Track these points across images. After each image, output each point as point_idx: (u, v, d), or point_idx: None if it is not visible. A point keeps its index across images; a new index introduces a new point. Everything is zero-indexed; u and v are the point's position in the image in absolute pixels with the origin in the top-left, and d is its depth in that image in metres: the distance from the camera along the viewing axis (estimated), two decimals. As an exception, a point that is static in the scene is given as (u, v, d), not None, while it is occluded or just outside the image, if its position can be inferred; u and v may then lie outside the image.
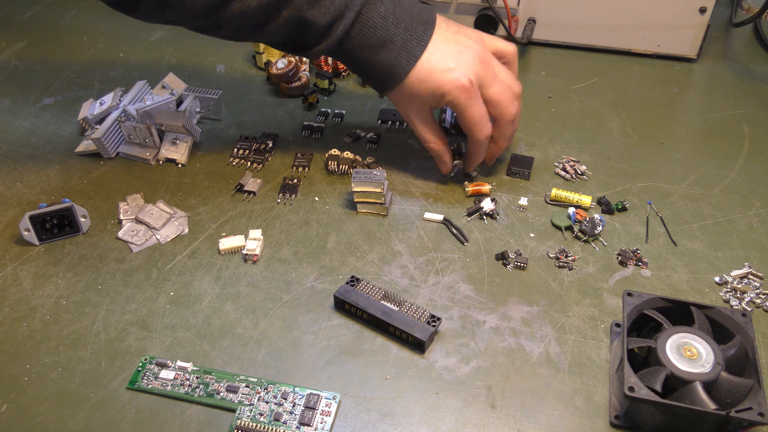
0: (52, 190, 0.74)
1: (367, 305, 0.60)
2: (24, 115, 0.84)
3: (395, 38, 0.65)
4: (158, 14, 0.65)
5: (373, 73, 0.67)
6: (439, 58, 0.65)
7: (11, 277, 0.65)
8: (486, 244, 0.68)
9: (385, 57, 0.65)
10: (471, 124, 0.68)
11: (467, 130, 0.69)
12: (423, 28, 0.66)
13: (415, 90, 0.67)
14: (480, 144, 0.70)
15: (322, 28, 0.64)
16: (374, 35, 0.65)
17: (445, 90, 0.66)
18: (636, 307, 0.55)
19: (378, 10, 0.64)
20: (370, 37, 0.65)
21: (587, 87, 0.88)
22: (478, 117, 0.67)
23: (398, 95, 0.69)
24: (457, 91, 0.66)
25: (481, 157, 0.72)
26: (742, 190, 0.74)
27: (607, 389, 0.56)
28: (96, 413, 0.55)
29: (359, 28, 0.65)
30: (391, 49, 0.65)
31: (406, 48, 0.65)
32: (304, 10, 0.63)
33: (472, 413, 0.55)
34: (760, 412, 0.48)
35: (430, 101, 0.68)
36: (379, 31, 0.65)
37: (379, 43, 0.65)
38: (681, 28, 0.89)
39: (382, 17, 0.64)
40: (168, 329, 0.61)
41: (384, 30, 0.65)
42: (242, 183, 0.74)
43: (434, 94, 0.66)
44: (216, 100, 0.82)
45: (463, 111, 0.67)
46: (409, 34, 0.65)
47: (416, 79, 0.66)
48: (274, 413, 0.54)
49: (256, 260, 0.66)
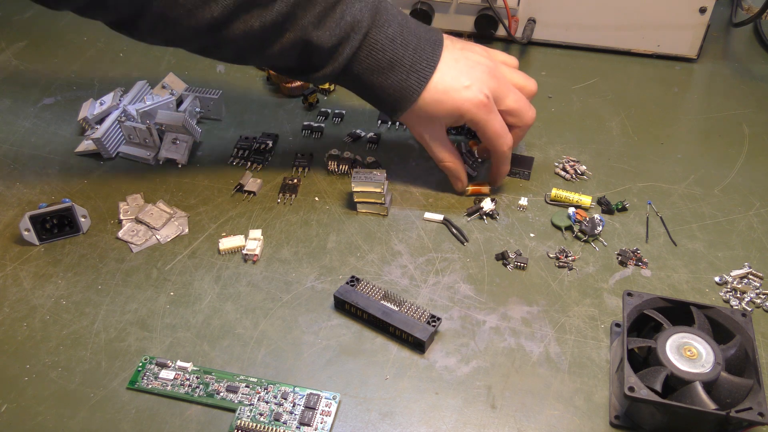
0: (52, 190, 0.74)
1: (367, 305, 0.60)
2: (24, 115, 0.84)
3: (404, 60, 0.64)
4: (158, 34, 0.63)
5: (383, 97, 0.66)
6: (453, 77, 0.65)
7: (11, 277, 0.65)
8: (486, 244, 0.68)
9: (395, 79, 0.64)
10: (494, 139, 0.67)
11: (490, 145, 0.68)
12: (431, 48, 0.65)
13: (431, 111, 0.66)
14: (505, 156, 0.69)
15: (328, 51, 0.63)
16: (383, 57, 0.64)
17: (464, 109, 0.65)
18: (636, 307, 0.55)
19: (386, 32, 0.63)
20: (379, 59, 0.64)
21: (587, 87, 0.88)
22: (500, 130, 0.67)
23: (412, 117, 0.67)
24: (475, 108, 0.65)
25: (507, 167, 0.71)
26: (742, 190, 0.74)
27: (607, 389, 0.56)
28: (96, 413, 0.55)
29: (367, 50, 0.63)
30: (401, 70, 0.64)
31: (416, 69, 0.64)
32: (309, 31, 0.62)
33: (472, 413, 0.55)
34: (760, 412, 0.48)
35: (447, 121, 0.67)
36: (388, 53, 0.63)
37: (388, 66, 0.64)
38: (681, 28, 0.89)
39: (390, 39, 0.63)
40: (168, 329, 0.61)
41: (392, 52, 0.64)
42: (242, 183, 0.74)
43: (452, 114, 0.66)
44: (216, 100, 0.82)
45: (484, 126, 0.66)
46: (418, 55, 0.64)
47: (431, 100, 0.65)
48: (274, 413, 0.55)
49: (256, 260, 0.66)
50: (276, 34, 0.62)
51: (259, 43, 0.63)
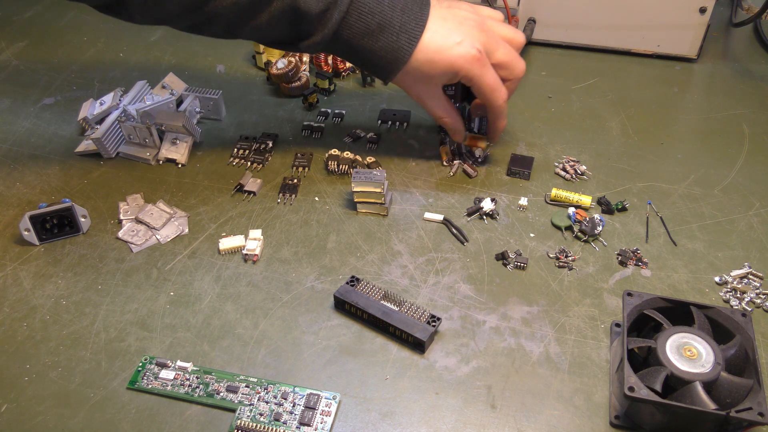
0: (52, 190, 0.74)
1: (367, 305, 0.60)
2: (24, 115, 0.84)
3: (393, 21, 0.64)
4: (147, 12, 0.64)
5: (374, 61, 0.67)
6: (444, 35, 0.65)
7: (11, 277, 0.65)
8: (486, 244, 0.68)
9: (386, 41, 0.65)
10: (489, 92, 0.68)
11: (485, 99, 0.69)
12: (419, 8, 0.66)
13: (426, 70, 0.66)
14: (501, 110, 0.70)
15: (317, 16, 0.63)
16: (372, 20, 0.64)
17: (457, 65, 0.66)
18: (636, 307, 0.55)
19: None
20: (368, 22, 0.64)
21: (587, 87, 0.88)
22: (494, 83, 0.68)
23: (406, 78, 0.68)
24: (469, 64, 0.66)
25: (504, 121, 0.72)
26: (742, 190, 0.74)
27: (607, 389, 0.56)
28: (96, 413, 0.55)
29: (356, 14, 0.64)
30: (390, 32, 0.65)
31: (406, 29, 0.65)
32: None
33: (472, 413, 0.55)
34: (760, 412, 0.48)
35: (442, 79, 0.68)
36: (376, 15, 0.64)
37: (377, 28, 0.64)
38: (681, 28, 0.89)
39: (377, 1, 0.64)
40: (168, 329, 0.61)
41: (380, 14, 0.64)
42: (242, 183, 0.74)
43: (446, 72, 0.67)
44: (216, 100, 0.82)
45: (479, 81, 0.67)
46: (406, 15, 0.65)
47: (425, 60, 0.66)
48: (274, 413, 0.55)
49: (256, 260, 0.66)
50: (264, 4, 0.63)
51: (248, 14, 0.63)
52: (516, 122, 0.82)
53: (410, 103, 0.85)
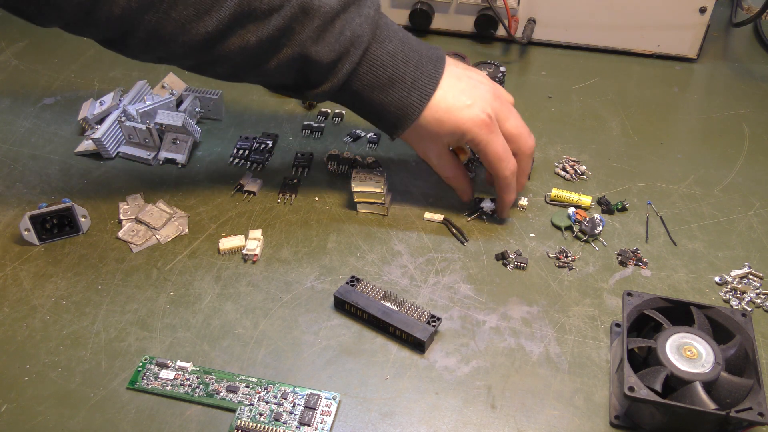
0: (52, 190, 0.74)
1: (367, 305, 0.60)
2: (24, 115, 0.84)
3: (405, 76, 0.62)
4: (150, 51, 0.61)
5: (383, 115, 0.64)
6: (455, 95, 0.63)
7: (11, 277, 0.65)
8: (486, 244, 0.68)
9: (396, 96, 0.63)
10: (496, 161, 0.65)
11: (491, 168, 0.66)
12: (433, 65, 0.63)
13: (433, 129, 0.64)
14: (508, 182, 0.66)
15: (327, 66, 0.61)
16: (383, 74, 0.62)
17: (465, 128, 0.63)
18: (636, 307, 0.55)
19: (387, 47, 0.62)
20: (380, 75, 0.62)
21: (587, 87, 0.88)
22: (502, 151, 0.65)
23: (414, 135, 0.66)
24: (477, 128, 0.63)
25: (513, 195, 0.68)
26: (742, 190, 0.74)
27: (607, 389, 0.56)
28: (96, 413, 0.55)
29: (367, 66, 0.62)
30: (402, 87, 0.62)
31: (418, 86, 0.63)
32: (307, 46, 0.60)
33: (472, 413, 0.55)
34: (760, 412, 0.48)
35: (448, 140, 0.65)
36: (388, 69, 0.62)
37: (388, 82, 0.62)
38: (681, 28, 0.89)
39: (390, 55, 0.62)
40: (168, 329, 0.61)
41: (393, 68, 0.62)
42: (242, 183, 0.74)
43: (454, 133, 0.64)
44: (216, 100, 0.82)
45: (486, 147, 0.64)
46: (420, 72, 0.63)
47: (433, 119, 0.63)
48: (274, 413, 0.55)
49: (256, 260, 0.66)
50: (273, 49, 0.60)
51: (255, 59, 0.61)
52: (516, 122, 0.82)
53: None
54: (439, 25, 0.95)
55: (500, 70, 0.82)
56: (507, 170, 0.66)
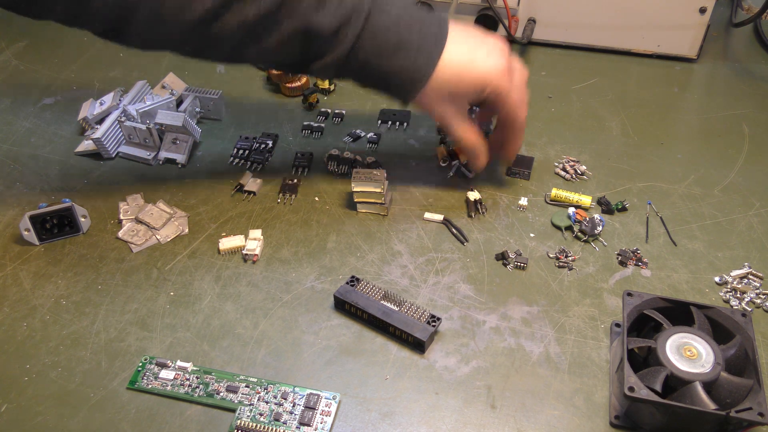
0: (52, 190, 0.74)
1: (367, 305, 0.60)
2: (24, 115, 0.84)
3: (411, 40, 0.61)
4: (149, 37, 0.60)
5: (392, 81, 0.64)
6: (469, 49, 0.63)
7: (11, 277, 0.65)
8: (486, 244, 0.68)
9: (403, 61, 0.62)
10: (516, 108, 0.66)
11: (511, 116, 0.67)
12: (437, 27, 0.63)
13: (452, 87, 0.63)
14: (522, 126, 0.68)
15: (330, 36, 0.60)
16: (388, 39, 0.61)
17: (488, 78, 0.63)
18: (636, 307, 0.55)
19: (389, 13, 0.61)
20: (385, 41, 0.61)
21: (587, 87, 0.88)
22: (522, 98, 0.66)
23: (429, 98, 0.64)
24: (501, 75, 0.64)
25: (522, 140, 0.70)
26: (742, 190, 0.74)
27: (607, 389, 0.56)
28: (96, 413, 0.55)
29: (371, 33, 0.61)
30: (408, 51, 0.62)
31: (424, 48, 0.62)
32: (308, 17, 0.59)
33: (472, 413, 0.55)
34: (760, 412, 0.48)
35: (470, 96, 0.65)
36: (393, 34, 0.61)
37: (394, 48, 0.61)
38: (681, 28, 0.89)
39: (393, 20, 0.61)
40: (168, 329, 0.61)
41: (397, 33, 0.61)
42: (242, 183, 0.74)
43: (476, 86, 0.64)
44: (216, 100, 0.82)
45: (507, 96, 0.65)
46: (424, 34, 0.62)
47: (452, 75, 0.63)
48: (274, 413, 0.54)
49: (256, 260, 0.66)
50: (273, 22, 0.59)
51: (256, 35, 0.60)
52: (516, 122, 0.82)
53: (410, 103, 0.85)
54: (439, 25, 0.95)
55: (500, 70, 0.82)
56: (524, 115, 0.67)
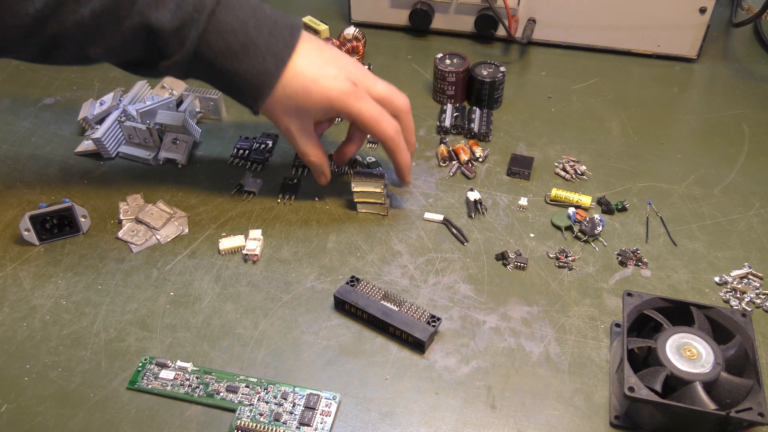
0: (52, 190, 0.74)
1: (367, 305, 0.60)
2: (24, 115, 0.84)
3: (259, 42, 0.60)
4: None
5: (239, 84, 0.62)
6: (320, 66, 0.62)
7: (11, 277, 0.65)
8: (486, 244, 0.68)
9: (250, 64, 0.60)
10: (374, 124, 0.64)
11: (374, 133, 0.65)
12: (289, 32, 0.62)
13: (300, 100, 0.63)
14: (396, 142, 0.66)
15: (172, 34, 0.58)
16: (234, 40, 0.59)
17: (333, 96, 0.62)
18: (636, 307, 0.55)
19: (236, 13, 0.59)
20: (230, 42, 0.59)
21: (587, 87, 0.88)
22: (377, 113, 0.64)
23: (279, 108, 0.63)
24: (345, 96, 0.63)
25: (407, 155, 0.68)
26: (742, 190, 0.74)
27: (607, 389, 0.56)
28: (96, 413, 0.55)
29: (216, 32, 0.59)
30: (256, 54, 0.60)
31: (273, 52, 0.60)
32: (146, 13, 0.57)
33: (472, 413, 0.55)
34: (760, 413, 0.48)
35: (315, 112, 0.64)
36: (239, 35, 0.59)
37: (241, 49, 0.60)
38: (681, 28, 0.89)
39: (241, 21, 0.59)
40: (168, 329, 0.61)
41: (245, 34, 0.60)
42: (242, 183, 0.74)
43: (321, 103, 0.63)
44: (216, 100, 0.82)
45: (359, 114, 0.64)
46: (274, 38, 0.61)
47: (300, 88, 0.62)
48: (274, 413, 0.55)
49: (256, 260, 0.66)
50: (112, 21, 0.58)
51: (97, 35, 0.58)
52: (516, 122, 0.82)
53: (410, 103, 0.85)
54: (439, 25, 0.95)
55: (500, 70, 0.82)
56: (389, 130, 0.65)
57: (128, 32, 0.59)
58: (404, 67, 0.91)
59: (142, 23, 0.58)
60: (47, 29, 0.57)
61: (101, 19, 0.58)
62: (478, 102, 0.83)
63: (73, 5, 0.57)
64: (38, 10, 0.56)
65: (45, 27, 0.57)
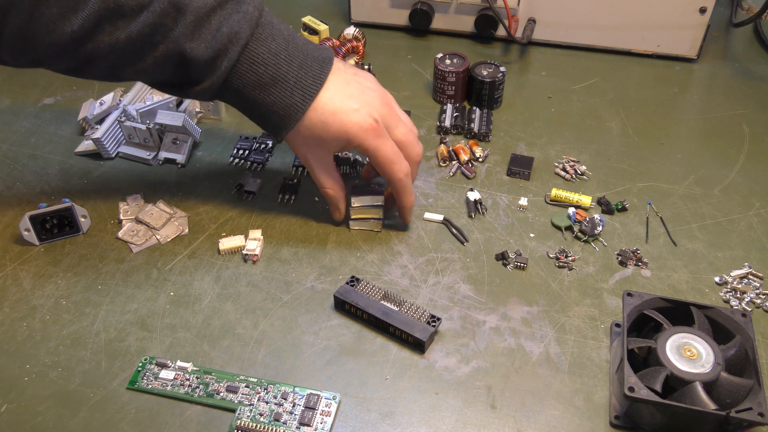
0: (52, 190, 0.74)
1: (367, 305, 0.60)
2: (24, 115, 0.84)
3: (288, 75, 0.60)
4: (20, 55, 0.58)
5: (266, 114, 0.63)
6: (342, 99, 0.62)
7: (11, 277, 0.65)
8: (486, 244, 0.68)
9: (278, 95, 0.61)
10: (387, 164, 0.64)
11: (384, 172, 0.65)
12: (319, 66, 0.62)
13: (318, 132, 0.62)
14: (403, 184, 0.66)
15: (205, 64, 0.59)
16: (265, 72, 0.60)
17: (351, 133, 0.62)
18: (636, 307, 0.55)
19: (269, 46, 0.60)
20: (260, 74, 0.60)
21: (587, 87, 0.88)
22: (393, 155, 0.64)
23: (299, 138, 0.64)
24: (363, 132, 0.62)
25: (411, 197, 0.67)
26: (742, 190, 0.74)
27: (607, 389, 0.56)
28: (96, 413, 0.55)
29: (247, 64, 0.60)
30: (284, 86, 0.61)
31: (301, 86, 0.61)
32: (182, 43, 0.58)
33: (472, 413, 0.55)
34: (760, 413, 0.48)
35: (334, 145, 0.64)
36: (270, 67, 0.60)
37: (270, 81, 0.60)
38: (681, 28, 0.89)
39: (272, 53, 0.60)
40: (168, 329, 0.61)
41: (275, 67, 0.60)
42: (242, 183, 0.74)
43: (339, 138, 0.63)
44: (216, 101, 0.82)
45: (375, 152, 0.63)
46: (304, 71, 0.61)
47: (319, 121, 0.62)
48: (274, 413, 0.55)
49: (256, 260, 0.66)
50: (146, 46, 0.58)
51: (130, 57, 0.59)
52: (516, 122, 0.82)
53: (409, 103, 0.85)
54: (439, 25, 0.95)
55: (500, 70, 0.82)
56: (400, 173, 0.65)
57: (161, 57, 0.59)
58: (404, 67, 0.91)
59: (176, 51, 0.58)
60: (82, 49, 0.58)
61: (137, 43, 0.58)
62: (478, 102, 0.83)
63: (110, 28, 0.57)
64: (74, 31, 0.56)
65: (80, 47, 0.58)
